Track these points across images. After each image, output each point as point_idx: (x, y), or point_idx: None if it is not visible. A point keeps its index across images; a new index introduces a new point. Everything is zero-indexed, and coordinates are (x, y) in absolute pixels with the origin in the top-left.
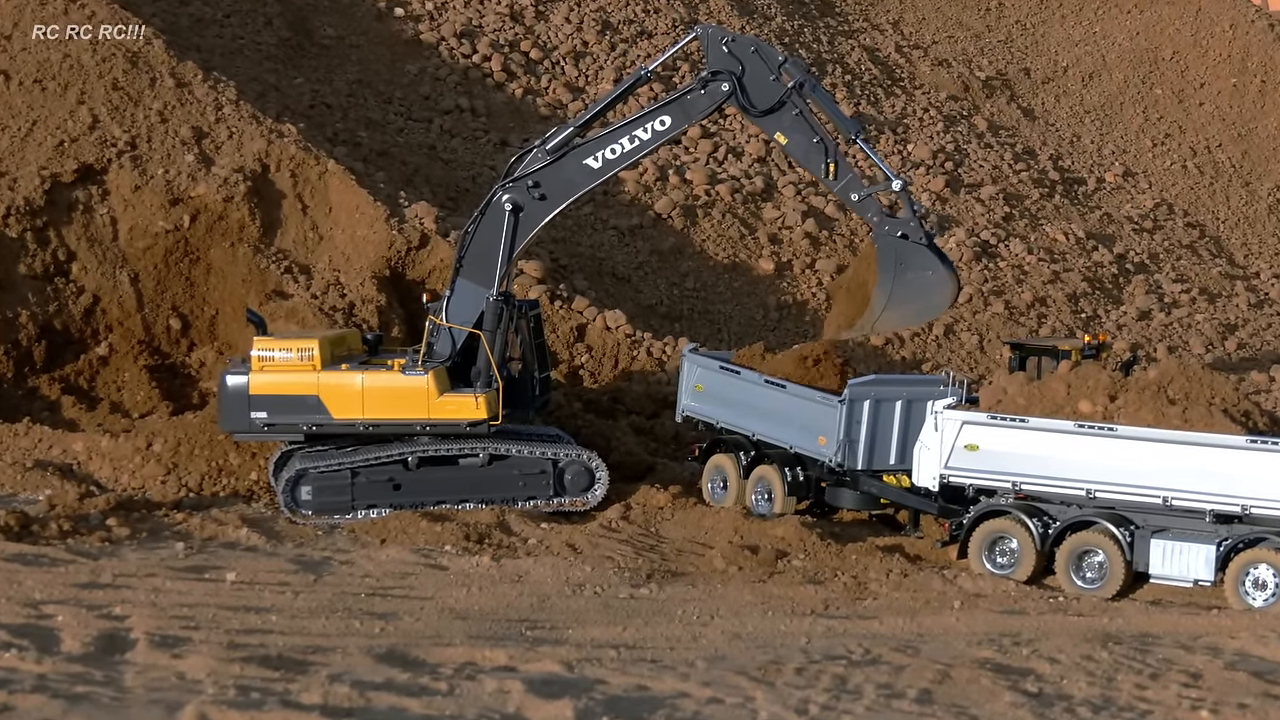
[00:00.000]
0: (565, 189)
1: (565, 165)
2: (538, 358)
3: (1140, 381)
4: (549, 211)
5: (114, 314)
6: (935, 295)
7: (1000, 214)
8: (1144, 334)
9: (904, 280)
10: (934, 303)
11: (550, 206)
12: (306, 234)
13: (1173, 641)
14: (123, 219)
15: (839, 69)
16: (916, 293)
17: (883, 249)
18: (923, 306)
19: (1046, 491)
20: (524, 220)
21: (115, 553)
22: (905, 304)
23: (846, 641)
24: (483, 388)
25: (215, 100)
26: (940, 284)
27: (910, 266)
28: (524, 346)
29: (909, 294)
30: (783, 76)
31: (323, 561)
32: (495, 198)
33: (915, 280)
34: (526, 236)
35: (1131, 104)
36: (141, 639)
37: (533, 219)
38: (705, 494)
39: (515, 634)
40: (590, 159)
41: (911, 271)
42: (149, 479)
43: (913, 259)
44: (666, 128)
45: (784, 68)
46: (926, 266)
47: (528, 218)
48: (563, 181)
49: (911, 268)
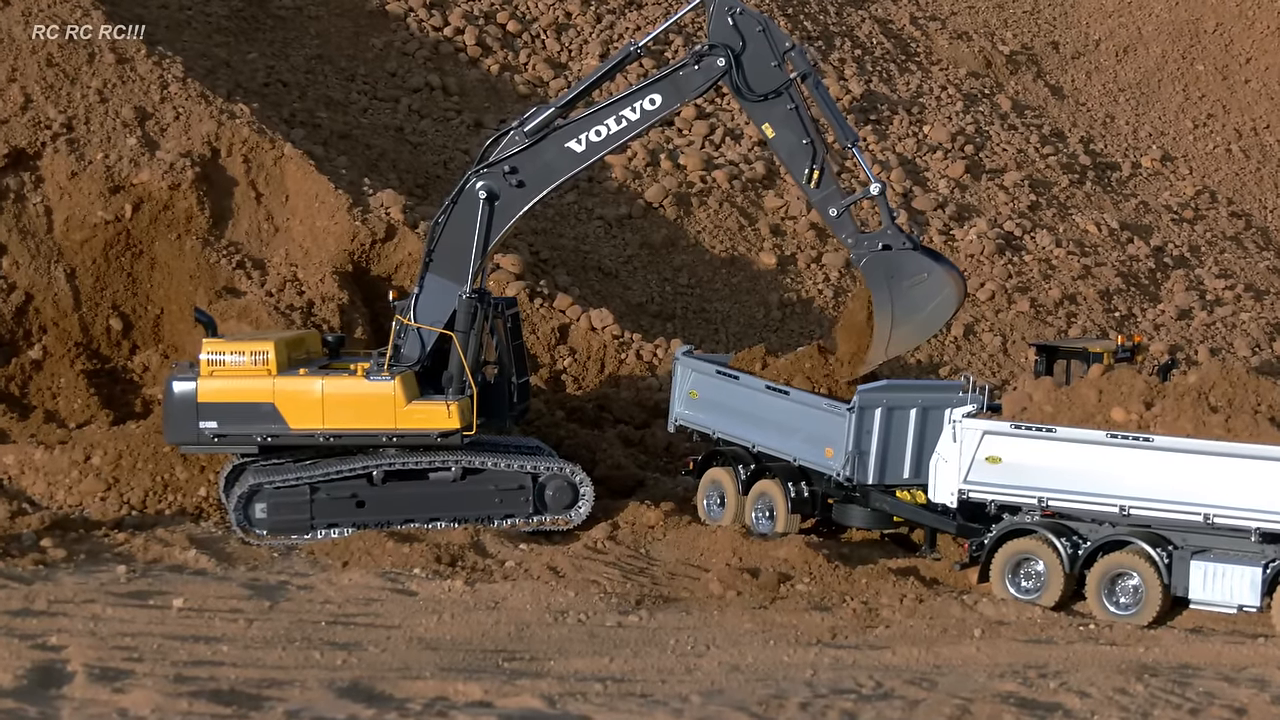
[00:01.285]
0: (545, 175)
1: (545, 149)
2: (515, 361)
3: (1179, 387)
4: (528, 200)
5: (48, 313)
6: (939, 297)
7: (1026, 203)
8: (1183, 334)
9: (902, 292)
10: (941, 307)
11: (529, 194)
12: (261, 225)
13: (1215, 673)
14: (58, 209)
15: (848, 42)
16: (919, 301)
17: (869, 268)
18: (930, 314)
19: (1076, 508)
20: (500, 210)
21: (50, 577)
22: (911, 316)
23: (856, 674)
24: (455, 395)
25: (160, 78)
26: (941, 284)
27: (903, 275)
28: (500, 349)
29: (912, 305)
30: (785, 64)
31: (279, 586)
32: (468, 185)
33: (914, 289)
34: (503, 228)
35: (1170, 81)
36: (79, 672)
37: (510, 208)
38: (700, 511)
39: (491, 666)
40: (573, 142)
41: (907, 280)
42: (87, 495)
43: (904, 267)
44: (657, 107)
45: (789, 55)
46: (920, 270)
47: (504, 207)
48: (543, 167)
49: (905, 276)
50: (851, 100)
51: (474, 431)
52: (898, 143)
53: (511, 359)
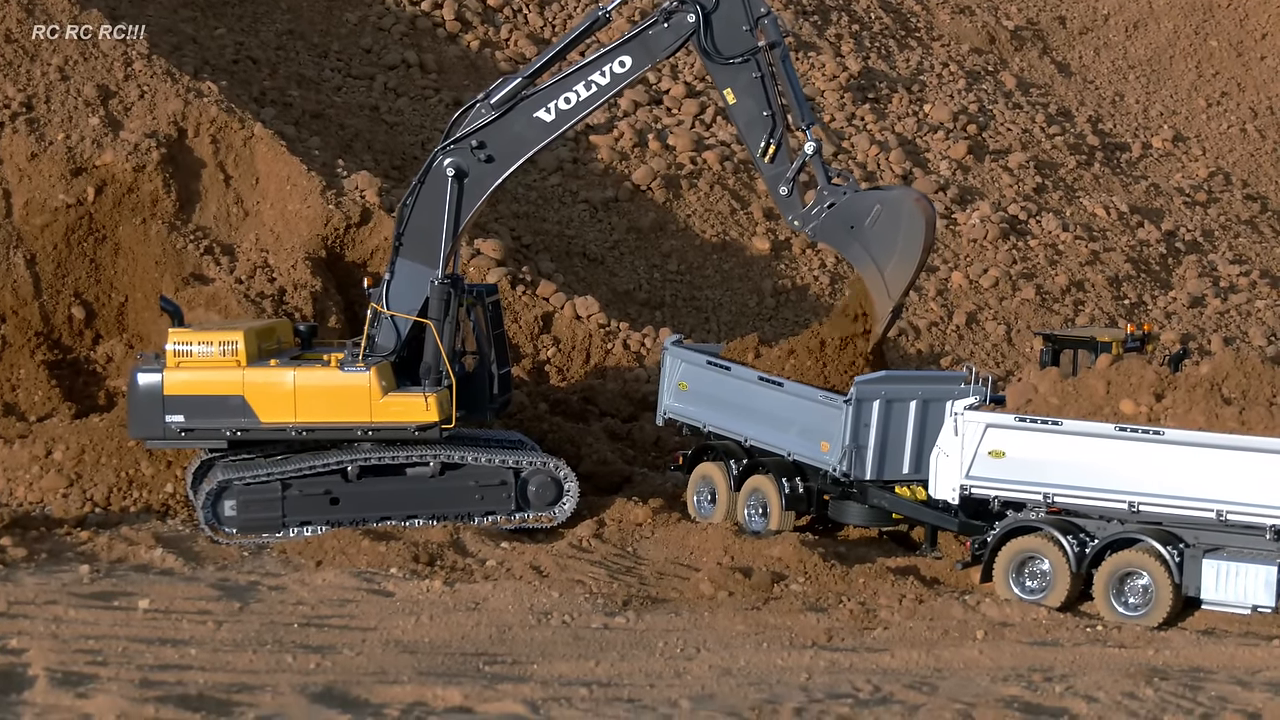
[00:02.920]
0: (515, 148)
1: (513, 120)
2: (496, 351)
3: (1191, 378)
4: (498, 175)
5: (7, 301)
6: (904, 219)
7: (1031, 185)
8: (1196, 323)
9: (868, 235)
10: (911, 228)
11: (499, 169)
12: (230, 209)
13: (1228, 677)
14: (17, 191)
15: (845, 17)
16: (887, 233)
17: (826, 234)
18: (905, 240)
19: (1083, 504)
20: (469, 187)
21: (10, 577)
22: (890, 252)
23: (853, 677)
24: (432, 386)
25: (124, 55)
26: (898, 207)
27: (860, 219)
28: (480, 338)
29: (884, 241)
30: (758, 31)
31: (249, 587)
32: (435, 163)
33: (875, 225)
34: (473, 206)
35: (1182, 57)
36: (41, 676)
37: (479, 185)
38: (690, 508)
39: (471, 669)
40: (542, 111)
41: (866, 221)
42: (49, 492)
43: (856, 212)
44: (627, 69)
45: (762, 21)
46: (872, 204)
47: (473, 183)
48: (512, 139)
49: (862, 219)
50: (849, 78)
51: (453, 424)
52: (897, 122)
53: (491, 348)
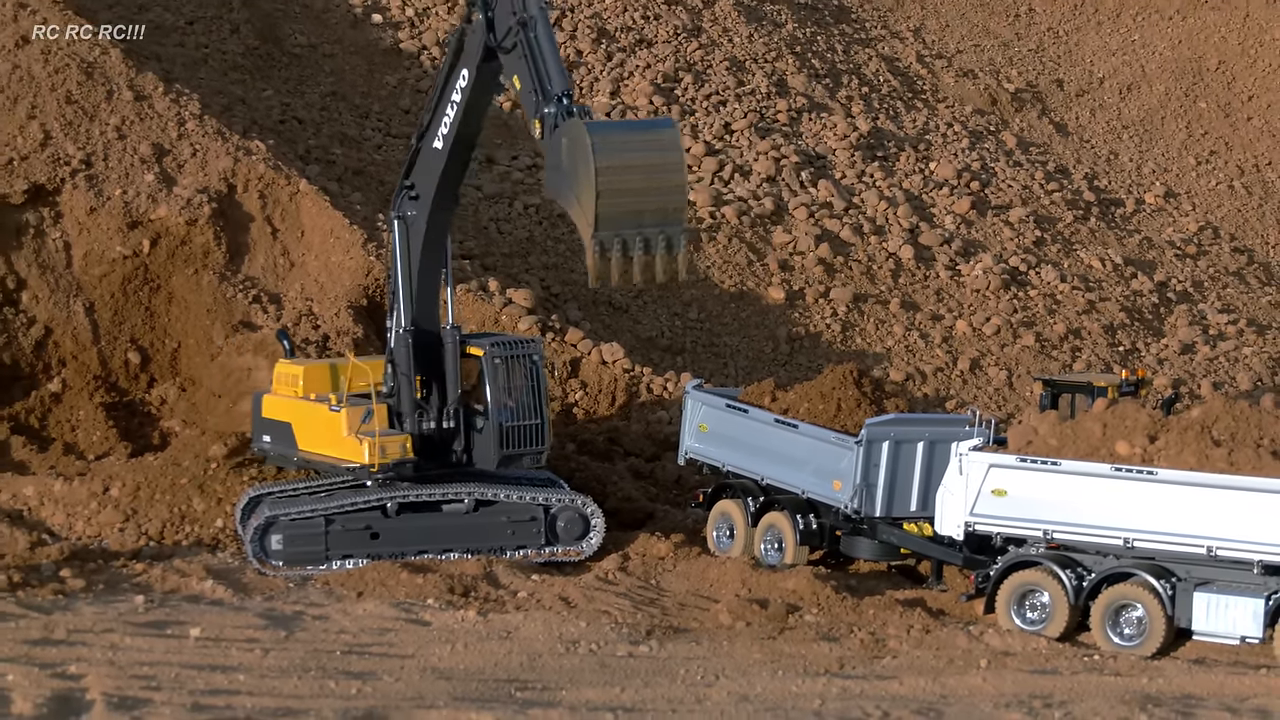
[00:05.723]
0: (427, 180)
1: (423, 155)
2: (521, 404)
3: (1183, 421)
4: (424, 211)
5: (67, 347)
6: (576, 150)
7: (1031, 238)
8: (1187, 369)
9: (564, 175)
10: (577, 153)
11: (423, 204)
12: (276, 260)
13: (1218, 704)
14: (77, 244)
15: (855, 80)
16: (571, 166)
17: (552, 191)
18: (583, 166)
19: (1081, 540)
20: (412, 229)
21: (70, 606)
22: (574, 183)
23: (863, 704)
24: (386, 430)
25: (177, 115)
26: (568, 135)
27: (558, 162)
28: (496, 389)
29: (571, 175)
30: (517, 10)
31: (294, 616)
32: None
33: (566, 162)
34: (418, 246)
35: (1174, 118)
36: (98, 700)
37: (416, 225)
38: (710, 543)
39: (503, 695)
40: (436, 140)
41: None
42: (106, 526)
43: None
44: (470, 81)
45: (526, 4)
46: (558, 142)
47: (414, 224)
48: (425, 172)
49: (559, 161)
50: (859, 137)
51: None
52: (904, 179)
53: (510, 400)
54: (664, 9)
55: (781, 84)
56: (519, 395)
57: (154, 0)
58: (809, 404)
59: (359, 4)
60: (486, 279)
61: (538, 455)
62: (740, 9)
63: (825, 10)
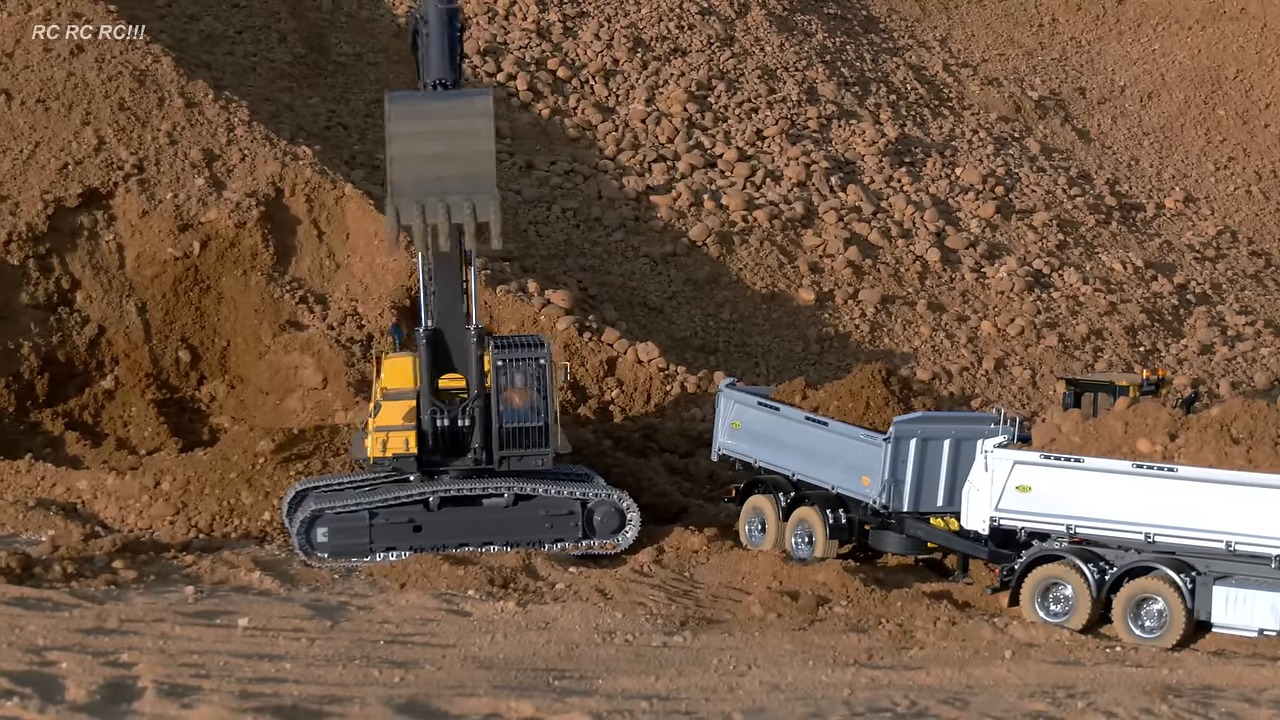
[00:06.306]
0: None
1: None
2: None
3: (1202, 419)
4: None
5: (120, 345)
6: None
7: (1054, 242)
8: (1206, 369)
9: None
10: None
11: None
12: (322, 261)
13: (1236, 695)
14: (129, 245)
15: (883, 88)
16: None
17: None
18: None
19: (1103, 535)
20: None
21: (121, 597)
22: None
23: (891, 693)
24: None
25: (227, 121)
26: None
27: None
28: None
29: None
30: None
31: (339, 607)
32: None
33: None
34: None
35: (1193, 125)
36: (149, 688)
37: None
38: (742, 537)
39: (542, 684)
40: None
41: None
42: (157, 519)
43: None
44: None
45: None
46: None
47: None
48: None
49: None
50: (887, 144)
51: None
52: (931, 184)
53: (498, 401)
54: (698, 19)
55: (812, 92)
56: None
57: (204, 10)
58: (838, 402)
59: (402, 14)
60: (526, 280)
61: (542, 456)
62: (772, 19)
63: (854, 20)
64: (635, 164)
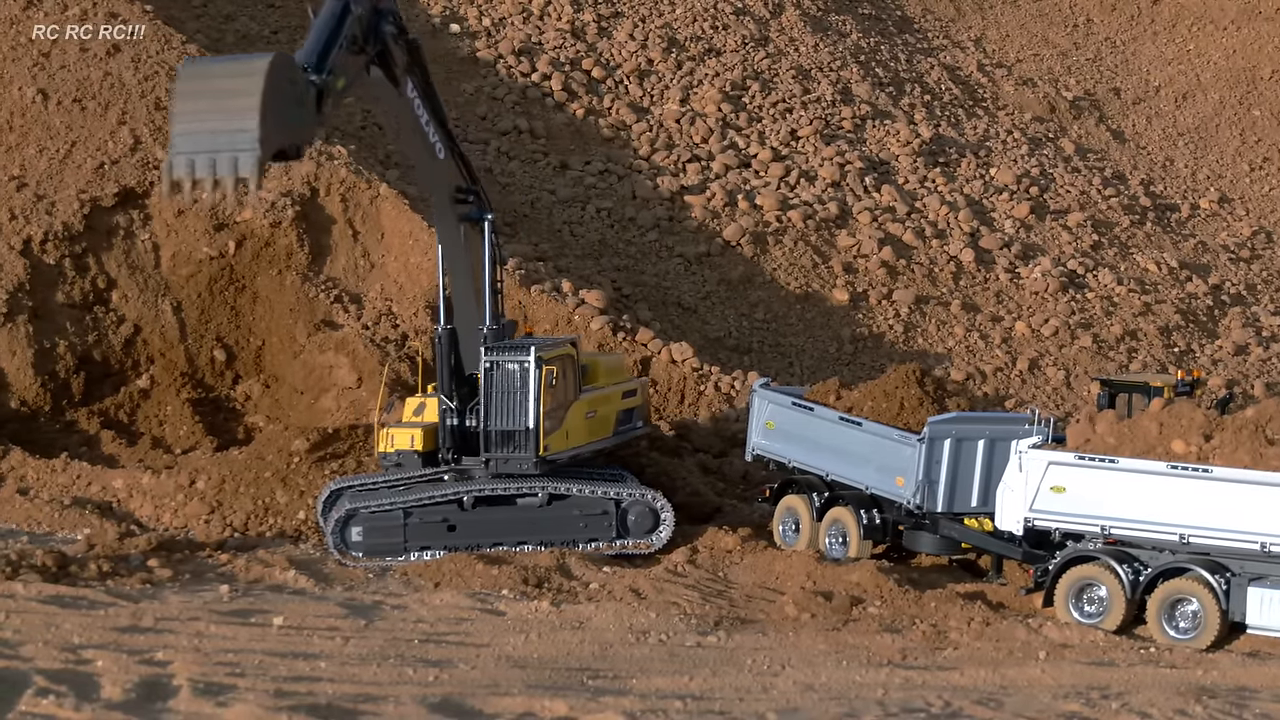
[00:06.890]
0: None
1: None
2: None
3: (1237, 420)
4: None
5: (155, 344)
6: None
7: (1088, 242)
8: (1241, 369)
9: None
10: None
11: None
12: (357, 261)
13: (1271, 696)
14: (165, 245)
15: (918, 88)
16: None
17: None
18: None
19: (1137, 536)
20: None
21: (157, 595)
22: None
23: (925, 694)
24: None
25: None
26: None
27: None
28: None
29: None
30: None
31: (374, 606)
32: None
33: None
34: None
35: (1228, 126)
36: (184, 686)
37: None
38: (776, 537)
39: (576, 683)
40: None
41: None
42: (192, 518)
43: None
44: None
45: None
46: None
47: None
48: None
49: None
50: (921, 144)
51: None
52: (965, 184)
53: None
54: (732, 20)
55: (846, 92)
56: (508, 401)
57: (240, 10)
58: (872, 402)
59: (437, 14)
60: (560, 280)
61: (524, 462)
62: (806, 19)
63: (889, 21)
64: (670, 164)
